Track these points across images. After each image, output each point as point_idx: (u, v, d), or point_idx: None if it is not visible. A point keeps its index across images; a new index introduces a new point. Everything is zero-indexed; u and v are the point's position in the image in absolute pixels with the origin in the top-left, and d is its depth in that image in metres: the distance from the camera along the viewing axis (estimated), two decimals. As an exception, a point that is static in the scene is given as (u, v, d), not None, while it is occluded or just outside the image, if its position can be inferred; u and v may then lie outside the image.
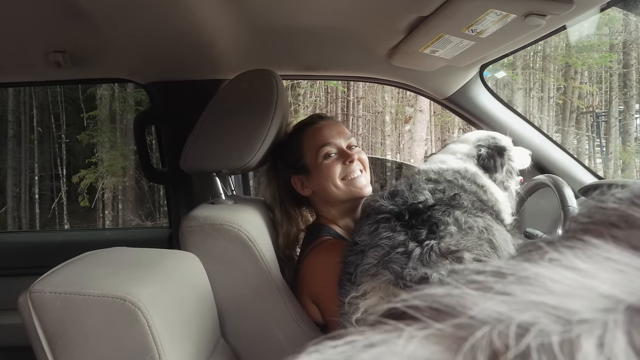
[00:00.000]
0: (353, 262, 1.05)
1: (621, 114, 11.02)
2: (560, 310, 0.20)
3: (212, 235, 1.28)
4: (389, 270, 0.95)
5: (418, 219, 1.03)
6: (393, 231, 1.02)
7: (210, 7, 1.33)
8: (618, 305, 0.20)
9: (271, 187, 1.54)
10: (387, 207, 1.08)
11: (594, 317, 0.20)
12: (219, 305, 1.29)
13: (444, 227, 1.00)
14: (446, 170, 1.27)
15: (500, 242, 1.05)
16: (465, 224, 1.02)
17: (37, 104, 10.56)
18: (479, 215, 1.07)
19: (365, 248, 1.03)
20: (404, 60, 1.70)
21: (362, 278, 1.00)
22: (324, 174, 1.42)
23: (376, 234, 1.04)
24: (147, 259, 1.11)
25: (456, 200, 1.09)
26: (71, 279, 0.93)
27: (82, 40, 1.62)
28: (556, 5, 1.18)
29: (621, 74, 11.09)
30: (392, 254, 0.97)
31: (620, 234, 0.25)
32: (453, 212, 1.04)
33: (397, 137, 11.32)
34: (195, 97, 1.81)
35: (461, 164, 1.32)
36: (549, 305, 0.21)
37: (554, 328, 0.20)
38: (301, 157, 1.46)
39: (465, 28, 1.35)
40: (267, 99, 1.40)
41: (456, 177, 1.24)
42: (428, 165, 1.32)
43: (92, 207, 10.46)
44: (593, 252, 0.24)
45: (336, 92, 10.96)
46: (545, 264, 0.23)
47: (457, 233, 1.00)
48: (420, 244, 0.97)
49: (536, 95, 11.13)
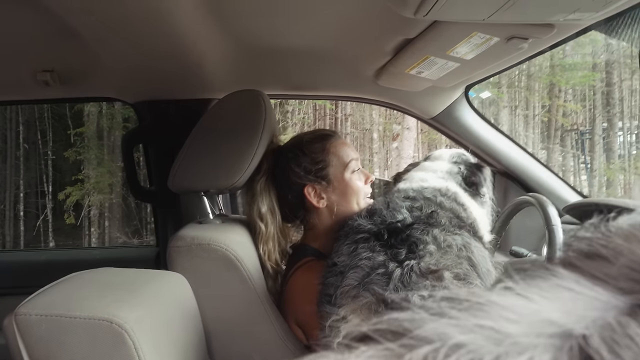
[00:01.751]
0: (333, 284, 1.03)
1: (605, 131, 11.22)
2: (498, 333, 0.22)
3: (199, 255, 1.28)
4: (370, 291, 0.94)
5: (397, 238, 1.02)
6: (372, 251, 1.01)
7: (199, 28, 1.34)
8: (553, 331, 0.22)
9: (266, 199, 1.43)
10: (366, 227, 1.08)
11: (527, 340, 0.21)
12: (206, 325, 1.28)
13: (423, 246, 1.00)
14: (426, 188, 1.27)
15: (479, 259, 1.05)
16: (444, 242, 1.02)
17: (23, 120, 10.48)
18: (457, 233, 1.07)
19: (344, 269, 1.02)
20: (390, 80, 1.73)
21: (342, 300, 0.99)
22: (353, 189, 1.39)
23: (355, 254, 1.03)
24: (134, 280, 1.10)
25: (434, 218, 1.09)
26: (57, 301, 0.93)
27: (71, 59, 1.63)
28: (538, 29, 1.21)
29: (604, 93, 11.31)
30: (372, 275, 0.97)
31: (585, 264, 0.27)
32: (431, 230, 1.03)
33: (384, 154, 11.39)
34: (183, 116, 1.82)
35: (442, 183, 1.32)
36: (489, 328, 0.22)
37: (487, 348, 0.21)
38: (326, 167, 1.40)
39: (450, 50, 1.38)
40: (255, 119, 1.41)
41: (435, 194, 1.24)
42: (408, 184, 1.32)
43: (78, 225, 10.34)
44: (553, 281, 0.25)
45: (324, 110, 11.04)
46: (499, 292, 0.25)
47: (436, 252, 0.99)
48: (400, 264, 0.96)
49: (521, 113, 11.29)
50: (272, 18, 1.37)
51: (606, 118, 11.24)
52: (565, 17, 1.07)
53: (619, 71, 11.10)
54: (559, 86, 11.10)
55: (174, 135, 1.68)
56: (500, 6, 1.00)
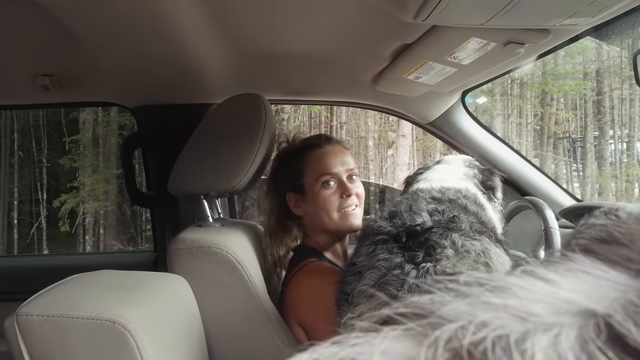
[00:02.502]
0: (350, 283, 1.05)
1: (596, 139, 11.32)
2: (521, 312, 0.22)
3: (200, 257, 1.28)
4: (385, 292, 0.96)
5: (415, 241, 1.03)
6: (390, 253, 1.02)
7: (198, 33, 1.35)
8: (576, 309, 0.22)
9: (269, 197, 1.52)
10: (386, 229, 1.08)
11: (552, 318, 0.22)
12: (207, 328, 1.28)
13: (440, 250, 1.00)
14: (448, 189, 1.27)
15: (497, 266, 1.05)
16: (462, 247, 1.02)
17: (18, 127, 10.42)
18: (477, 238, 1.07)
19: (362, 269, 1.04)
20: (388, 86, 1.75)
21: (359, 299, 1.00)
22: (321, 203, 1.42)
23: (374, 255, 1.04)
24: (135, 282, 1.10)
25: (455, 222, 1.09)
26: (59, 302, 0.93)
27: (70, 64, 1.63)
28: (534, 34, 1.23)
29: (595, 101, 11.43)
30: (388, 275, 0.98)
31: (601, 249, 0.28)
32: (450, 235, 1.04)
33: (380, 162, 11.42)
34: (182, 121, 1.82)
35: (462, 184, 1.32)
36: (512, 307, 0.23)
37: (512, 326, 0.22)
38: (300, 177, 1.45)
39: (447, 55, 1.40)
40: (255, 122, 1.42)
41: (458, 195, 1.24)
42: (429, 184, 1.31)
43: (73, 232, 10.26)
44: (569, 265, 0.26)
45: (319, 118, 11.06)
46: (518, 275, 0.26)
47: (453, 256, 1.00)
48: (416, 266, 0.97)
49: (514, 121, 11.37)
50: (272, 22, 1.38)
51: (597, 126, 11.34)
52: (561, 22, 1.09)
53: (609, 80, 11.22)
54: (551, 94, 11.20)
55: (173, 139, 1.69)
56: (498, 11, 1.02)
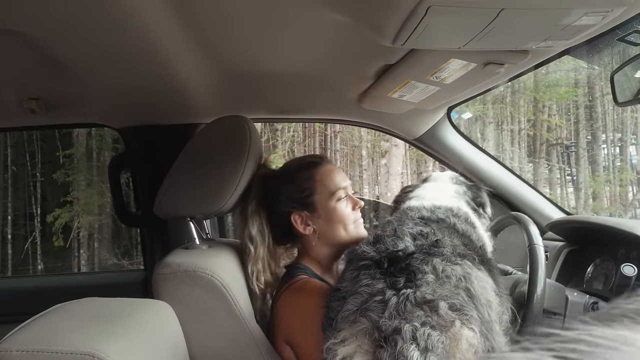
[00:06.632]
0: (335, 308, 1.05)
1: (589, 144, 11.39)
2: None
3: (185, 282, 1.28)
4: (367, 318, 0.96)
5: (397, 267, 1.03)
6: (373, 278, 1.03)
7: (183, 55, 1.36)
8: None
9: (257, 222, 1.46)
10: (369, 254, 1.09)
11: None
12: (193, 354, 1.27)
13: (421, 275, 1.01)
14: (439, 207, 1.28)
15: (478, 290, 1.05)
16: (443, 273, 1.02)
17: (11, 142, 10.38)
18: (458, 263, 1.07)
19: (346, 294, 1.04)
20: (373, 104, 1.76)
21: (342, 324, 1.01)
22: (339, 217, 1.42)
23: (357, 281, 1.04)
24: (118, 311, 1.10)
25: (437, 246, 1.10)
26: (39, 336, 0.92)
27: (57, 87, 1.63)
28: (513, 55, 1.25)
29: (587, 107, 11.50)
30: (370, 301, 0.98)
31: None
32: (432, 260, 1.04)
33: (373, 171, 11.43)
34: (169, 141, 1.82)
35: (454, 202, 1.34)
36: None
37: None
38: (311, 195, 1.43)
39: (429, 75, 1.42)
40: (240, 145, 1.42)
41: (448, 214, 1.26)
42: (420, 202, 1.33)
43: (67, 247, 10.20)
44: None
45: (313, 127, 11.08)
46: None
47: (434, 282, 1.00)
48: (397, 292, 0.98)
49: (507, 128, 11.42)
50: (256, 44, 1.39)
51: (590, 132, 11.41)
52: (537, 44, 1.11)
53: (600, 86, 11.30)
54: (542, 102, 11.27)
55: (161, 160, 1.69)
56: (474, 35, 1.04)
